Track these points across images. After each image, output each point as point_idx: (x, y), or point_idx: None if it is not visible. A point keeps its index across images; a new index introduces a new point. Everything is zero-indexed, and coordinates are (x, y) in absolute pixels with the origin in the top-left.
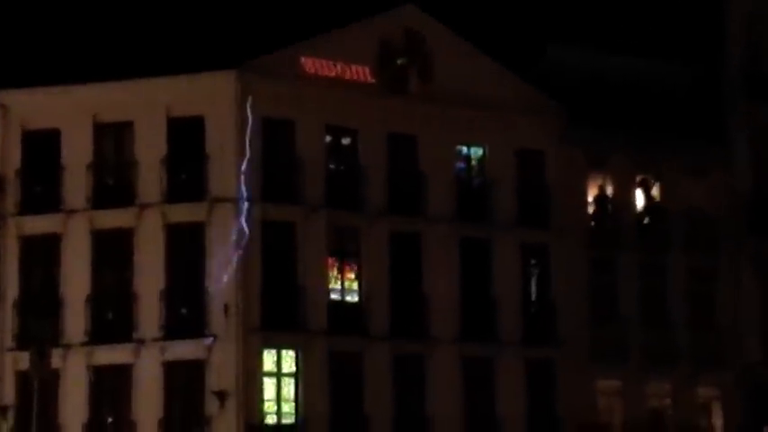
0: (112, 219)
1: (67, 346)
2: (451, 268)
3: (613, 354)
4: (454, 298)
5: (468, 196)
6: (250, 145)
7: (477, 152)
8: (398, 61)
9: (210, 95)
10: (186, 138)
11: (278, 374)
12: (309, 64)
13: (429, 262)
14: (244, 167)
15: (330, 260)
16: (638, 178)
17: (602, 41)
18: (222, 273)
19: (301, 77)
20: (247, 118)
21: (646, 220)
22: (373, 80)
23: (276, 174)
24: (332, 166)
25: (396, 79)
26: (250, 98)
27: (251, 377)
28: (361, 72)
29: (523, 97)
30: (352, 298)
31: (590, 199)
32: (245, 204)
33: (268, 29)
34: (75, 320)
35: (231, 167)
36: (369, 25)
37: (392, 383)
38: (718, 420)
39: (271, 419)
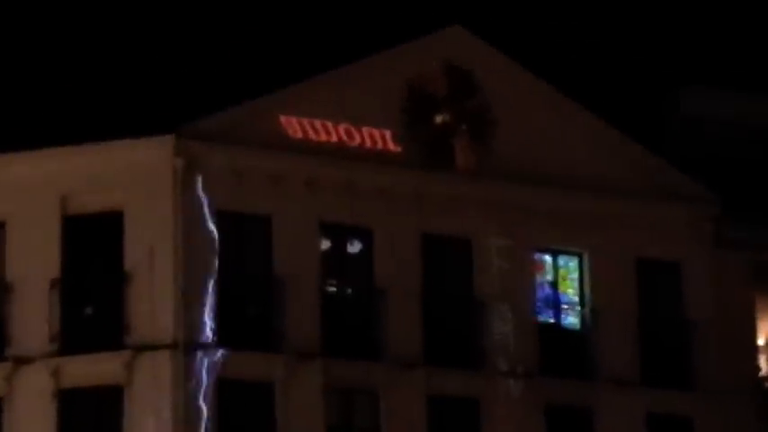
0: None
1: None
2: None
3: None
4: None
5: (555, 340)
6: (201, 251)
7: (569, 264)
8: (438, 118)
9: (133, 177)
10: (93, 247)
11: None
12: (294, 125)
13: None
14: (188, 289)
15: None
16: None
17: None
18: None
19: (281, 146)
20: (194, 211)
21: None
22: (398, 149)
23: (241, 303)
24: (331, 290)
25: (433, 148)
26: (199, 180)
27: None
28: (378, 137)
29: (647, 176)
30: None
31: (761, 341)
32: (194, 354)
33: (225, 73)
34: None
35: (166, 295)
36: (391, 61)
37: None
38: None
39: None
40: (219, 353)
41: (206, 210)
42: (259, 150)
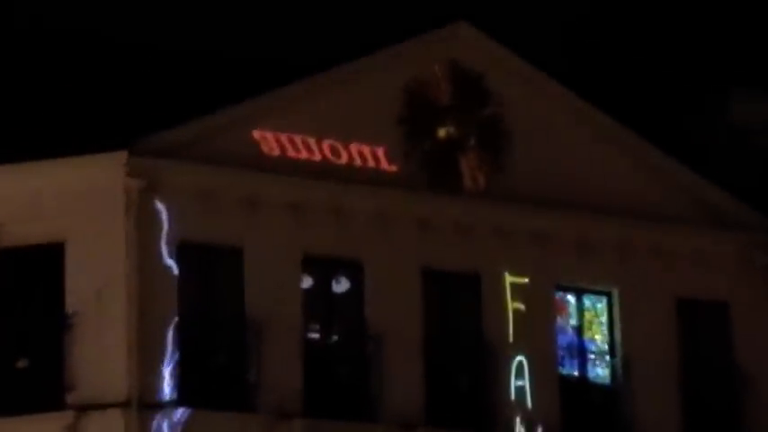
0: None
1: None
2: None
3: None
4: None
5: (581, 396)
6: (159, 291)
7: (597, 304)
8: (441, 131)
9: (78, 202)
10: (29, 285)
11: None
12: (270, 141)
13: None
14: (143, 339)
15: None
16: None
17: None
18: None
19: (255, 165)
20: (152, 243)
21: None
22: (393, 168)
23: (207, 353)
24: (314, 336)
25: (436, 166)
26: (158, 204)
27: None
28: (369, 154)
29: (688, 200)
30: None
31: None
32: (151, 414)
33: (189, 79)
34: None
35: (117, 343)
36: (384, 64)
37: None
38: None
39: None
40: (181, 413)
41: (165, 241)
42: (229, 170)
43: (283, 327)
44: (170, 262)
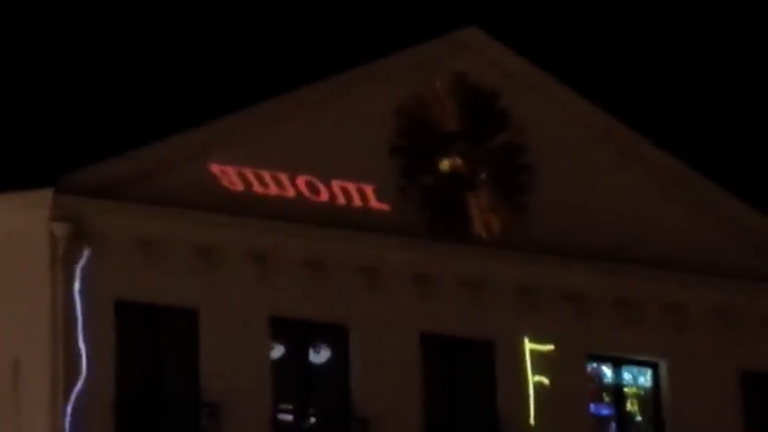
0: None
1: None
2: None
3: None
4: None
5: None
6: (88, 370)
7: (640, 378)
8: (445, 164)
9: None
10: None
11: None
12: (231, 177)
13: None
14: (70, 410)
15: None
16: None
17: None
18: None
19: (213, 205)
20: (81, 303)
21: None
22: (385, 209)
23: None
24: (286, 419)
25: (439, 208)
26: (88, 255)
27: None
28: (355, 192)
29: (753, 247)
30: None
31: None
32: None
33: (128, 100)
34: None
35: (38, 428)
36: (375, 80)
37: None
38: None
39: None
40: None
41: (99, 300)
42: (179, 211)
43: (248, 408)
44: (105, 327)
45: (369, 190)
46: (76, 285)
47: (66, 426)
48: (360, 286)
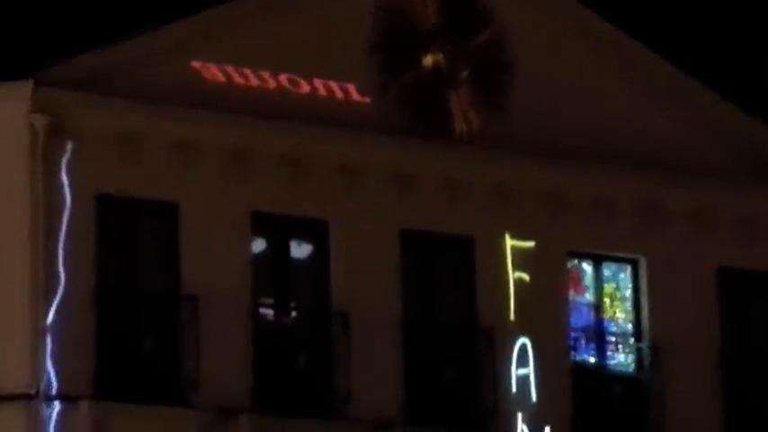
0: None
1: None
2: None
3: None
4: None
5: (599, 389)
6: (68, 264)
7: (619, 275)
8: (426, 60)
9: None
10: None
11: None
12: (213, 73)
13: None
14: (50, 319)
15: None
16: None
17: None
18: None
19: (194, 99)
20: (62, 197)
21: None
22: (366, 99)
23: (133, 335)
24: (266, 313)
25: (420, 105)
26: (70, 148)
27: None
28: (337, 89)
29: (735, 148)
30: None
31: None
32: (61, 408)
33: None
34: None
35: (17, 324)
36: None
37: None
38: None
39: None
40: (100, 408)
41: (79, 194)
42: (161, 105)
43: (228, 302)
44: (87, 221)
45: (351, 87)
46: (64, 179)
47: (48, 318)
48: (340, 182)
